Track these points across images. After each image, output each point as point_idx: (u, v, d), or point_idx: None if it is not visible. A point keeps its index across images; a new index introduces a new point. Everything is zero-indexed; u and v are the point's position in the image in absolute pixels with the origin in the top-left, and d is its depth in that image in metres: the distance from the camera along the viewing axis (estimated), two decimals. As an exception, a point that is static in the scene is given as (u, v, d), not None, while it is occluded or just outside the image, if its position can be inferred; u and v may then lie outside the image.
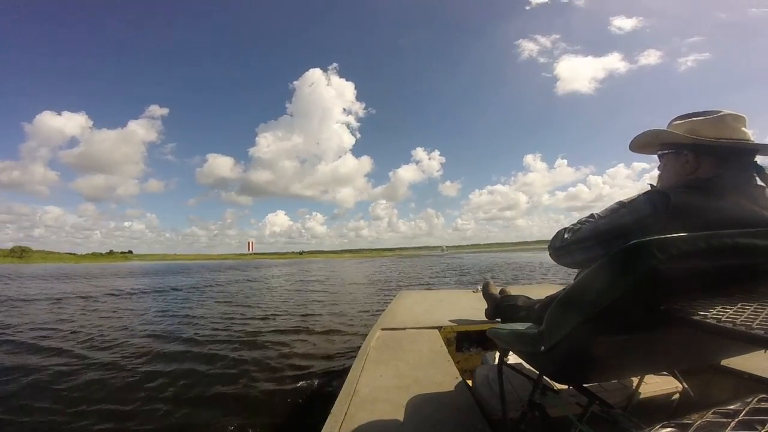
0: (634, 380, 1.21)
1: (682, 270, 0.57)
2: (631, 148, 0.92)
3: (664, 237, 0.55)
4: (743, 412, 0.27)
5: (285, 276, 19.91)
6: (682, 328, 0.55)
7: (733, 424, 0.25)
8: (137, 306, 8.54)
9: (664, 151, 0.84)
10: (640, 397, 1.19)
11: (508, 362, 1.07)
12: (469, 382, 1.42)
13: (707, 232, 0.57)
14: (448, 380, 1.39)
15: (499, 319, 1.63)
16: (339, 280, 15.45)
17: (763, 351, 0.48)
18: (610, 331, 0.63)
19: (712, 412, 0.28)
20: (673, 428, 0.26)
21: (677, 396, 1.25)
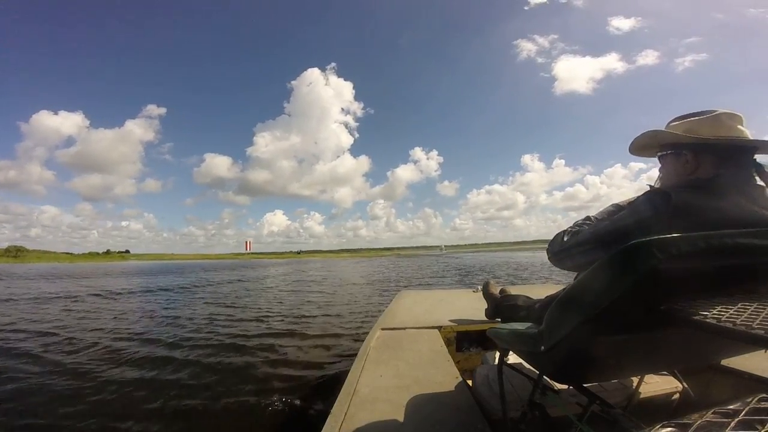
0: (634, 380, 1.21)
1: (682, 270, 0.57)
2: (631, 151, 0.92)
3: (664, 237, 0.55)
4: (743, 412, 0.27)
5: (281, 276, 19.37)
6: (682, 328, 0.55)
7: (733, 424, 0.25)
8: (120, 307, 8.17)
9: (664, 152, 0.85)
10: (640, 397, 1.19)
11: (508, 362, 1.07)
12: (469, 382, 1.42)
13: (707, 232, 0.57)
14: (448, 380, 1.39)
15: (499, 319, 1.63)
16: (336, 281, 14.94)
17: (763, 351, 0.48)
18: (610, 331, 0.63)
19: (712, 412, 0.28)
20: (673, 428, 0.26)
21: (677, 396, 1.25)
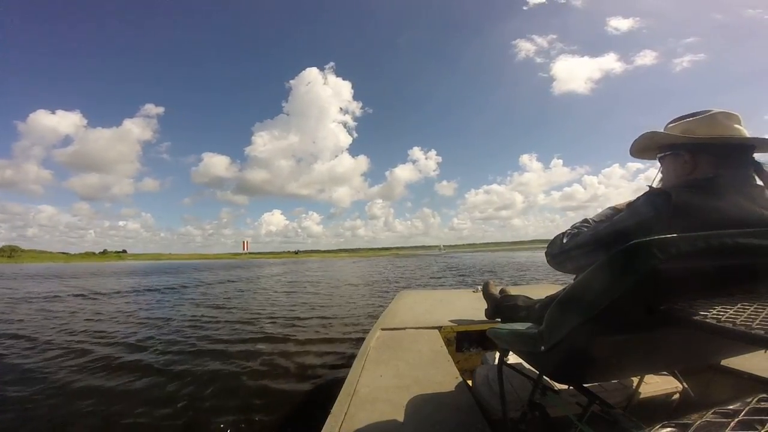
0: (634, 380, 1.21)
1: (682, 270, 0.57)
2: (632, 154, 0.93)
3: (664, 237, 0.55)
4: (743, 412, 0.27)
5: (276, 277, 18.85)
6: (682, 328, 0.55)
7: (733, 424, 0.26)
8: (99, 308, 7.92)
9: (663, 154, 0.85)
10: (640, 397, 1.19)
11: (508, 362, 1.07)
12: (469, 382, 1.42)
13: (707, 232, 0.57)
14: (448, 380, 1.39)
15: (499, 319, 1.63)
16: (333, 281, 14.53)
17: (763, 351, 0.48)
18: (609, 331, 0.63)
19: (712, 412, 0.28)
20: (673, 428, 0.26)
21: (677, 396, 1.25)
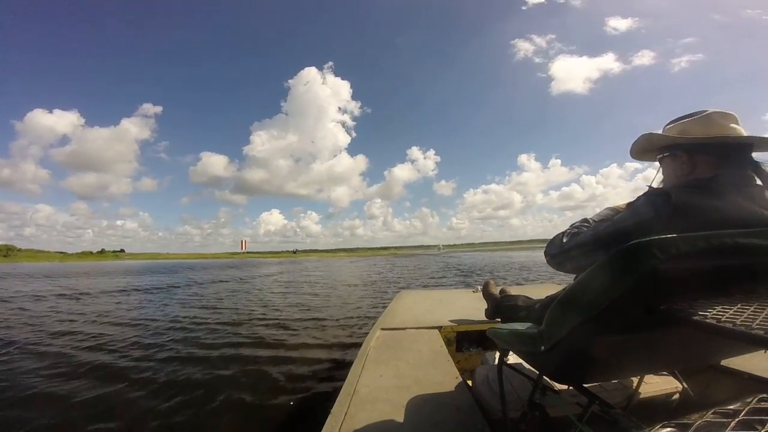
0: (634, 380, 1.20)
1: (682, 270, 0.57)
2: (632, 156, 0.93)
3: (664, 237, 0.55)
4: (743, 412, 0.27)
5: (272, 276, 18.49)
6: (682, 328, 0.55)
7: (733, 424, 0.26)
8: (80, 308, 7.76)
9: (662, 155, 0.86)
10: (640, 397, 1.19)
11: (508, 362, 1.07)
12: (469, 382, 1.42)
13: (707, 232, 0.57)
14: (448, 380, 1.39)
15: (499, 319, 1.63)
16: (330, 281, 14.22)
17: (763, 351, 0.48)
18: (609, 331, 0.63)
19: (712, 412, 0.28)
20: (673, 428, 0.26)
21: (677, 396, 1.25)
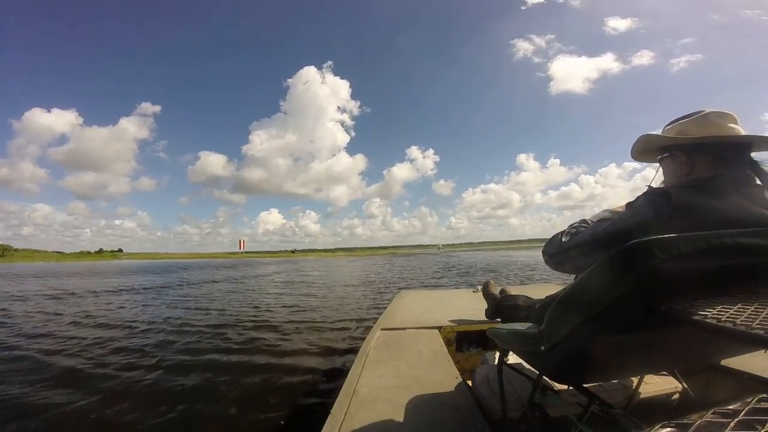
0: (634, 380, 1.20)
1: (683, 270, 0.57)
2: (633, 157, 0.94)
3: (664, 237, 0.55)
4: (743, 412, 0.27)
5: (269, 276, 18.03)
6: (682, 328, 0.55)
7: (733, 424, 0.25)
8: (63, 308, 7.60)
9: (661, 156, 0.86)
10: (640, 397, 1.19)
11: (508, 362, 1.07)
12: (469, 382, 1.42)
13: (707, 232, 0.57)
14: (448, 380, 1.39)
15: (499, 319, 1.63)
16: (329, 281, 13.92)
17: (763, 351, 0.48)
18: (610, 331, 0.63)
19: (712, 412, 0.28)
20: (673, 428, 0.26)
21: (677, 396, 1.25)
